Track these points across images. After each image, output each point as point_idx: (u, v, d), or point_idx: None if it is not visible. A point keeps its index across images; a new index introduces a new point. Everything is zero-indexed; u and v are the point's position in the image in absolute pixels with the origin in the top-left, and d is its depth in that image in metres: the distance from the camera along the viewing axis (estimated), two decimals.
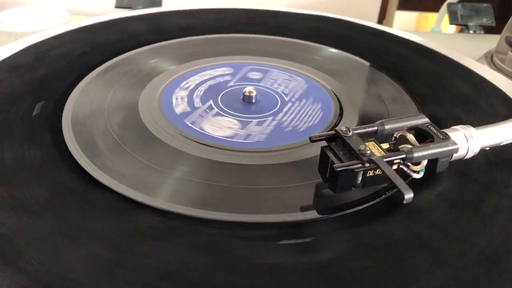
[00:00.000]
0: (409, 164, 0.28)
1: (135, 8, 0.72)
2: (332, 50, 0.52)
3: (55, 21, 0.75)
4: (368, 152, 0.27)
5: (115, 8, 0.73)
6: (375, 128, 0.30)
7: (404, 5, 1.32)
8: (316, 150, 0.30)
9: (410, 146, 0.28)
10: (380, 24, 0.63)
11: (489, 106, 0.41)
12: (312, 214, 0.28)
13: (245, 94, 0.41)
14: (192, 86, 0.43)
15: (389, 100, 0.42)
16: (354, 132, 0.29)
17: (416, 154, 0.27)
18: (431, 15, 1.38)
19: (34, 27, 0.70)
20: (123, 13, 0.59)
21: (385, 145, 0.29)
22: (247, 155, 0.34)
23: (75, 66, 0.45)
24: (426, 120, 0.30)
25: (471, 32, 0.74)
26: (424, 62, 0.50)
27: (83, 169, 0.31)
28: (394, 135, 0.30)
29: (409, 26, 1.51)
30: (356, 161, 0.27)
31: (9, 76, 0.42)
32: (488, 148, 0.32)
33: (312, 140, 0.30)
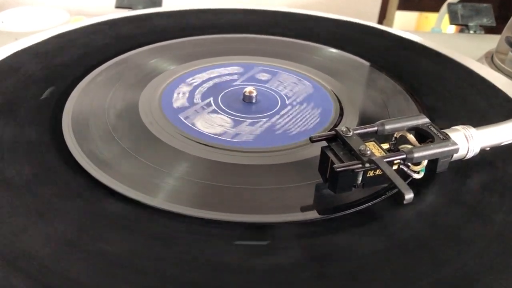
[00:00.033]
0: (409, 165, 0.28)
1: (135, 8, 0.72)
2: (332, 50, 0.52)
3: (55, 21, 0.75)
4: (368, 152, 0.27)
5: (115, 8, 0.73)
6: (375, 128, 0.30)
7: (404, 5, 1.32)
8: (317, 151, 0.30)
9: (410, 147, 0.28)
10: (380, 24, 0.63)
11: (489, 106, 0.41)
12: (312, 215, 0.28)
13: (245, 94, 0.41)
14: (197, 83, 0.43)
15: (389, 100, 0.42)
16: (354, 132, 0.29)
17: (416, 155, 0.27)
18: (431, 15, 1.38)
19: (34, 27, 0.70)
20: (124, 13, 0.59)
21: (385, 145, 0.29)
22: (247, 155, 0.34)
23: (75, 66, 0.45)
24: (426, 120, 0.30)
25: (472, 32, 0.74)
26: (424, 62, 0.50)
27: (84, 169, 0.31)
28: (394, 135, 0.30)
29: (409, 26, 1.51)
30: (356, 161, 0.27)
31: (9, 76, 0.42)
32: (489, 148, 0.32)
33: (313, 140, 0.30)
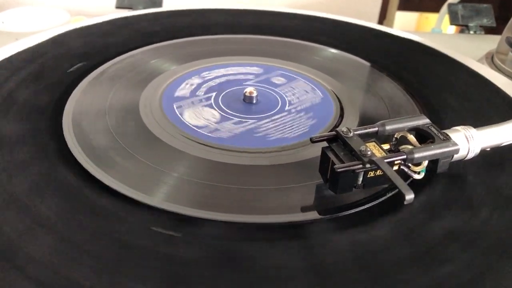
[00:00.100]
0: (410, 165, 0.28)
1: (136, 9, 0.72)
2: (333, 51, 0.52)
3: (56, 22, 0.75)
4: (369, 153, 0.27)
5: (116, 9, 0.73)
6: (376, 129, 0.30)
7: (405, 6, 1.32)
8: (317, 151, 0.30)
9: (411, 147, 0.28)
10: (381, 25, 0.63)
11: (490, 107, 0.41)
12: (313, 215, 0.28)
13: (246, 95, 0.41)
14: (210, 77, 0.44)
15: (390, 101, 0.42)
16: (355, 133, 0.29)
17: (417, 155, 0.27)
18: (432, 16, 1.38)
19: (35, 28, 0.70)
20: (124, 14, 0.59)
21: (386, 146, 0.29)
22: (247, 156, 0.34)
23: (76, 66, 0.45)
24: (427, 121, 0.30)
25: (472, 33, 0.74)
26: (425, 63, 0.50)
27: (84, 169, 0.31)
28: (395, 136, 0.30)
29: (410, 27, 1.51)
30: (357, 162, 0.27)
31: (9, 77, 0.42)
32: (489, 149, 0.32)
33: (313, 141, 0.30)
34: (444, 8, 0.82)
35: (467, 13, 0.76)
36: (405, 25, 1.47)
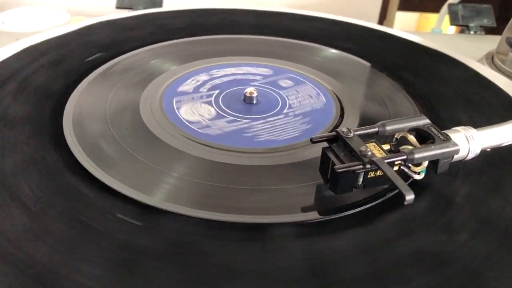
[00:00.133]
0: (410, 165, 0.28)
1: (136, 9, 0.72)
2: (333, 51, 0.52)
3: (56, 22, 0.75)
4: (369, 153, 0.27)
5: (116, 9, 0.73)
6: (376, 129, 0.30)
7: (405, 6, 1.32)
8: (317, 151, 0.30)
9: (411, 147, 0.28)
10: (381, 25, 0.63)
11: (490, 107, 0.41)
12: (313, 215, 0.28)
13: (246, 95, 0.41)
14: (218, 75, 0.44)
15: (390, 101, 0.42)
16: (355, 133, 0.29)
17: (417, 155, 0.27)
18: (432, 16, 1.38)
19: (35, 28, 0.70)
20: (124, 14, 0.59)
21: (386, 146, 0.29)
22: (248, 156, 0.34)
23: (76, 66, 0.45)
24: (427, 121, 0.30)
25: (472, 33, 0.74)
26: (425, 63, 0.50)
27: (84, 169, 0.31)
28: (395, 136, 0.30)
29: (410, 27, 1.51)
30: (357, 162, 0.27)
31: (9, 77, 0.42)
32: (489, 149, 0.32)
33: (313, 141, 0.30)
34: (444, 8, 0.82)
35: (467, 14, 0.76)
36: (405, 25, 1.47)
